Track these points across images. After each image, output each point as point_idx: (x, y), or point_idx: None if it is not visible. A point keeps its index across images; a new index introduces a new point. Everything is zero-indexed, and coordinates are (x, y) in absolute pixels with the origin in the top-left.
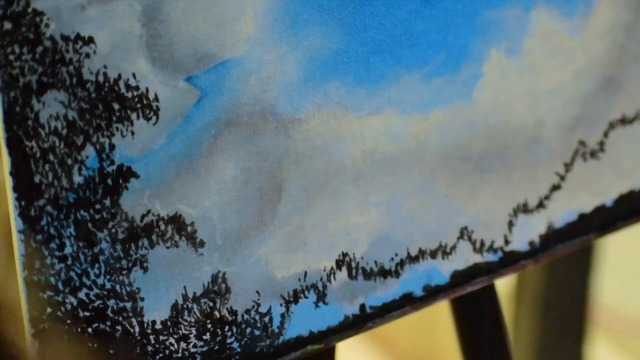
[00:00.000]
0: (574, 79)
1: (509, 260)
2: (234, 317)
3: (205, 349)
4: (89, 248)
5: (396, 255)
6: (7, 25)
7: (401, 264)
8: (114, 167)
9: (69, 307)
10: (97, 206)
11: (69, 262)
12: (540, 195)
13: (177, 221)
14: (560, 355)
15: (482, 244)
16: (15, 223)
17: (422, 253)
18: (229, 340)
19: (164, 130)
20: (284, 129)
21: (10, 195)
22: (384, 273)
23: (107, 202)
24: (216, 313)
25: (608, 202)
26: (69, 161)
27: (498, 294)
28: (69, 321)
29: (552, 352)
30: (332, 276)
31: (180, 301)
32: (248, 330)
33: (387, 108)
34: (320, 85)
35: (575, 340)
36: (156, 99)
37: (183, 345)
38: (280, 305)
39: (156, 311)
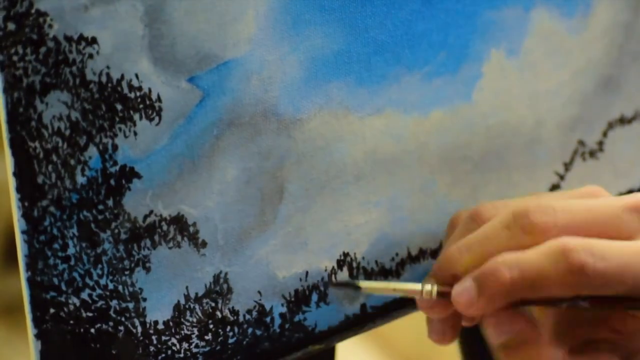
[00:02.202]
0: (573, 79)
1: None
2: (235, 318)
3: (207, 349)
4: (91, 249)
5: (397, 255)
6: (11, 26)
7: (402, 263)
8: (117, 167)
9: (71, 307)
10: (100, 207)
11: (72, 262)
12: None
13: (179, 222)
14: None
15: None
16: (18, 224)
17: (422, 253)
18: (230, 341)
19: (167, 130)
20: (285, 129)
21: (13, 196)
22: (385, 273)
23: (110, 202)
24: (218, 313)
25: None
26: (72, 162)
27: None
28: (71, 322)
29: None
30: (333, 276)
31: (183, 301)
32: (250, 330)
33: (388, 108)
34: (322, 85)
35: None
36: (159, 99)
37: (185, 345)
38: (282, 305)
39: (158, 311)
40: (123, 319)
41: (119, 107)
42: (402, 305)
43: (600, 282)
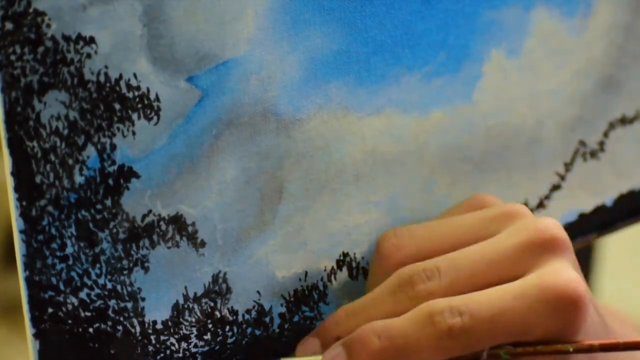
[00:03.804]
0: (573, 79)
1: None
2: (234, 317)
3: (206, 349)
4: (90, 248)
5: None
6: (9, 26)
7: None
8: (115, 167)
9: (70, 307)
10: (98, 206)
11: (70, 262)
12: (540, 195)
13: (178, 221)
14: None
15: None
16: (16, 223)
17: None
18: (229, 341)
19: (165, 130)
20: (284, 129)
21: (11, 196)
22: None
23: (108, 202)
24: (217, 313)
25: (608, 202)
26: (70, 161)
27: None
28: (70, 321)
29: None
30: (332, 276)
31: (181, 301)
32: (249, 330)
33: (387, 108)
34: (321, 85)
35: None
36: (157, 99)
37: (184, 345)
38: (281, 305)
39: (157, 311)
40: (121, 318)
41: (117, 106)
42: None
43: (473, 340)
